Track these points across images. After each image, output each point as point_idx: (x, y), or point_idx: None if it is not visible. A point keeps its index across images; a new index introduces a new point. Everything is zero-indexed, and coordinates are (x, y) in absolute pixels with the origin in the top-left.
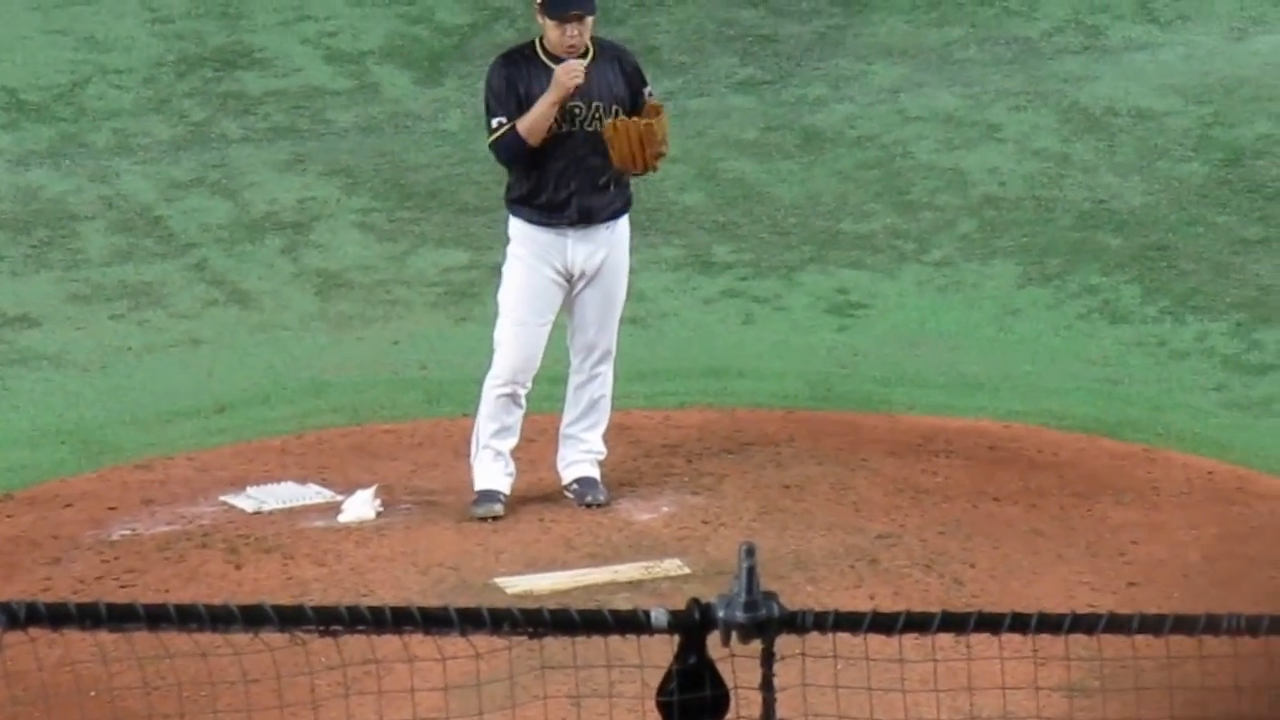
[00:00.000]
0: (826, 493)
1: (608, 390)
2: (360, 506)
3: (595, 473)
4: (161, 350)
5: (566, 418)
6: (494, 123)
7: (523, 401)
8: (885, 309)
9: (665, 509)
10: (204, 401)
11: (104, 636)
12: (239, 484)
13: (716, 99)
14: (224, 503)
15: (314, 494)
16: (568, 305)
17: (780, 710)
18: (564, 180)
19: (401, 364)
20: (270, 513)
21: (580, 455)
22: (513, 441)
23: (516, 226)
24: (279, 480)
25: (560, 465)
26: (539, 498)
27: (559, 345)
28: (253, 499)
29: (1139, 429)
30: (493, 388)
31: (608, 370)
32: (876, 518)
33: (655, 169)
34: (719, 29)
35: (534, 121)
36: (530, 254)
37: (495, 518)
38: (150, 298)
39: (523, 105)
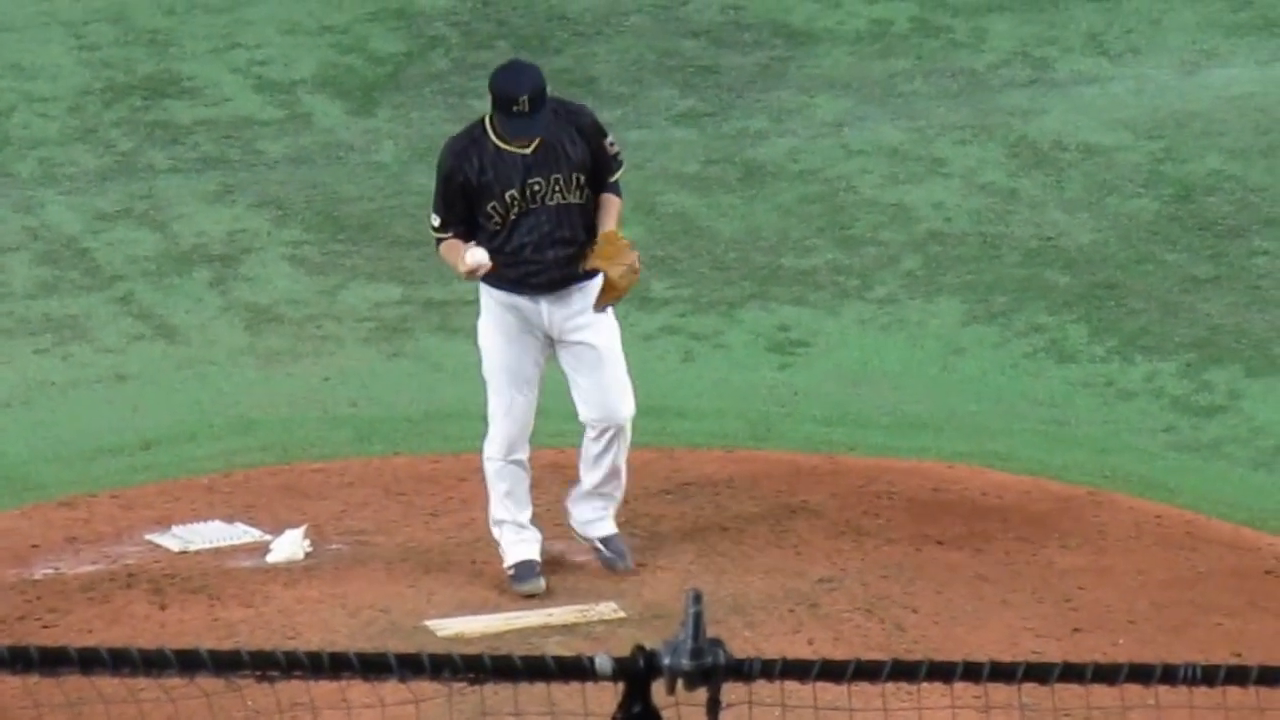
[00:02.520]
0: (766, 535)
1: (624, 456)
2: (289, 547)
3: (615, 528)
4: (86, 385)
5: (586, 481)
6: (434, 219)
7: (526, 465)
8: (827, 347)
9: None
10: (129, 438)
11: (33, 680)
12: (165, 523)
13: (656, 131)
14: (149, 542)
15: (241, 534)
16: (568, 383)
17: None
18: (534, 254)
19: (332, 401)
20: (196, 552)
21: (600, 514)
22: (529, 510)
23: (487, 295)
24: (206, 519)
25: (578, 524)
26: (471, 540)
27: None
28: (179, 538)
29: (1086, 471)
30: (493, 463)
31: (626, 439)
32: (817, 561)
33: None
34: (659, 60)
35: (445, 258)
36: (503, 322)
37: (537, 594)
38: (75, 331)
39: (468, 196)
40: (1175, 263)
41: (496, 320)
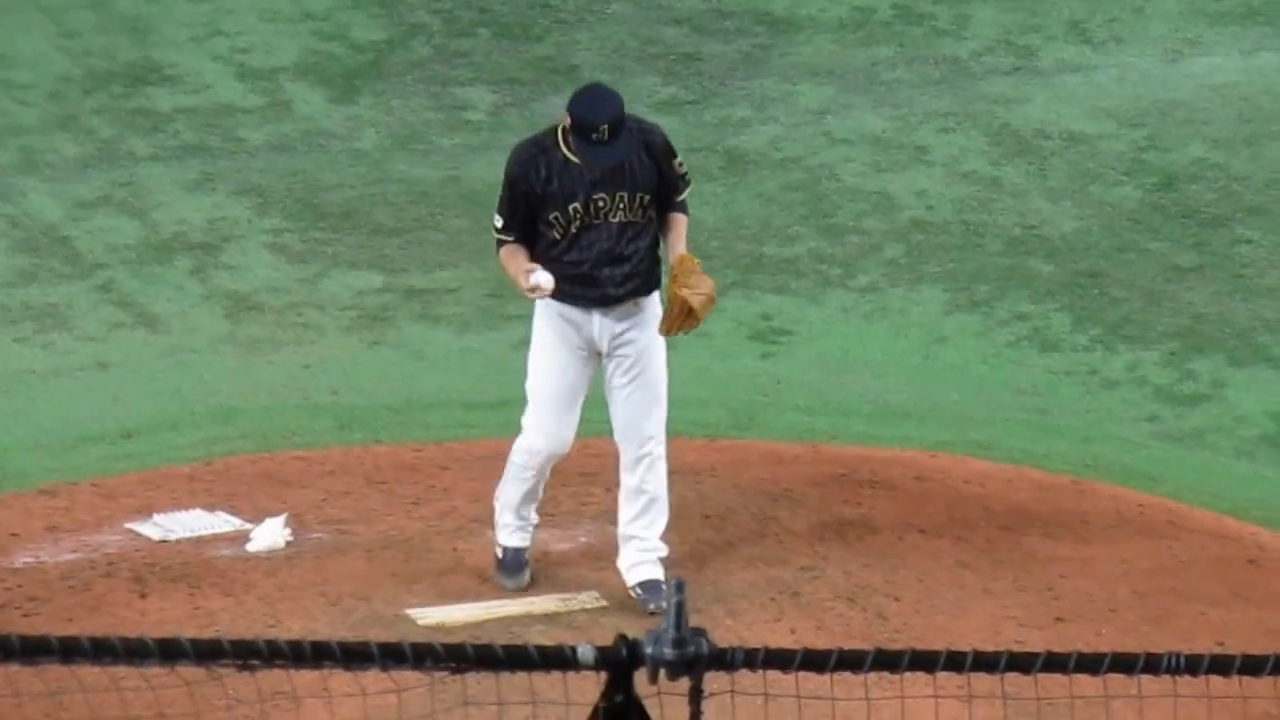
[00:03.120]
0: (748, 524)
1: (663, 485)
2: (270, 535)
3: (659, 574)
4: (67, 374)
5: (624, 516)
6: (497, 220)
7: (547, 473)
8: (809, 336)
9: (582, 539)
10: (110, 426)
11: (13, 668)
12: (145, 511)
13: None
14: (130, 530)
15: (222, 522)
16: (607, 394)
17: None
18: (592, 269)
19: (313, 389)
20: (177, 541)
21: (641, 556)
22: (537, 503)
23: (540, 307)
24: (186, 508)
25: (623, 567)
26: (453, 529)
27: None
28: (159, 527)
29: (1068, 460)
30: (522, 467)
31: (660, 463)
32: (799, 549)
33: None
34: (641, 47)
35: (504, 266)
36: (556, 332)
37: (525, 588)
38: (55, 320)
39: (531, 204)
40: (1158, 251)
41: (549, 334)
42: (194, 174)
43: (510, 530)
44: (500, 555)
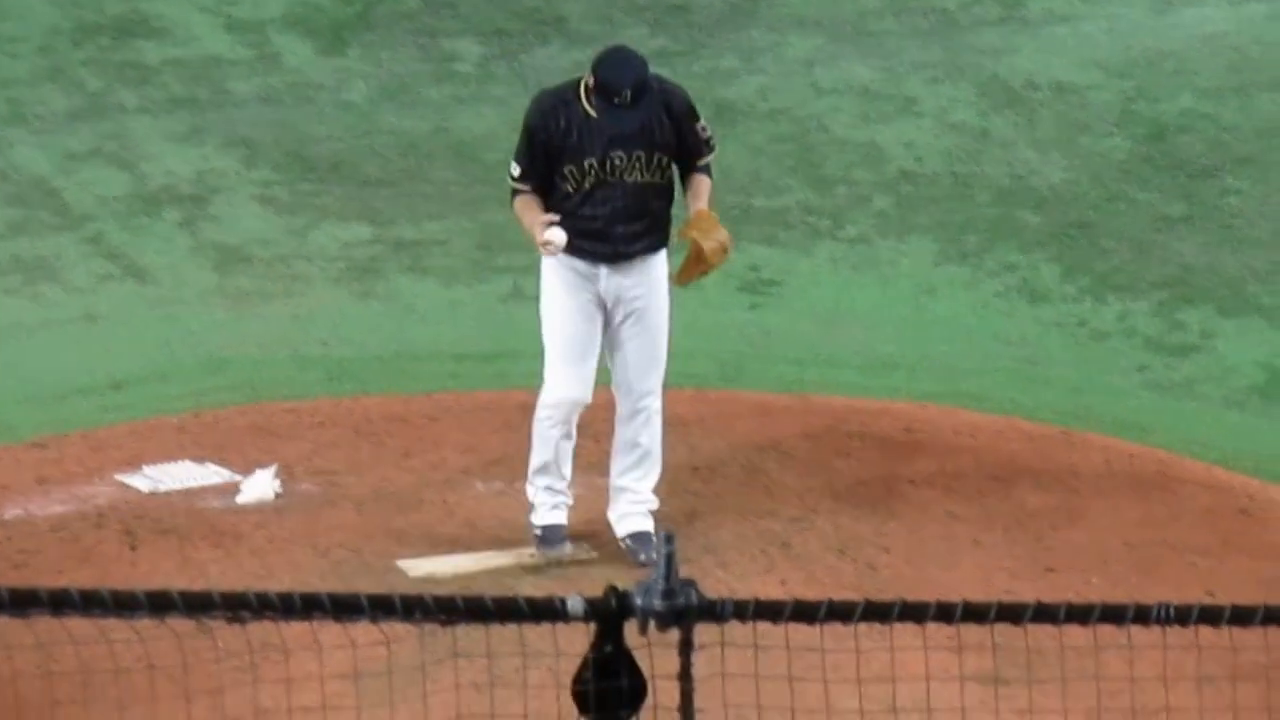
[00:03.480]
0: (737, 475)
1: (657, 439)
2: (259, 487)
3: (649, 525)
4: (56, 326)
5: (616, 467)
6: (514, 168)
7: (573, 433)
8: (798, 287)
9: (572, 491)
10: (99, 379)
11: (3, 620)
12: (135, 463)
13: None
14: (119, 482)
15: (212, 474)
16: (609, 346)
17: (698, 700)
18: (605, 226)
19: (302, 341)
20: (167, 493)
21: (632, 508)
22: (568, 474)
23: (548, 260)
24: (176, 460)
25: (612, 518)
26: (443, 480)
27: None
28: (149, 479)
29: (1058, 411)
30: (545, 422)
31: (655, 417)
32: (789, 501)
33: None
34: None
35: (519, 216)
36: (563, 284)
37: (561, 562)
38: (45, 272)
39: (549, 154)
40: (1147, 202)
41: (556, 285)
42: (182, 126)
43: (545, 509)
44: (539, 534)
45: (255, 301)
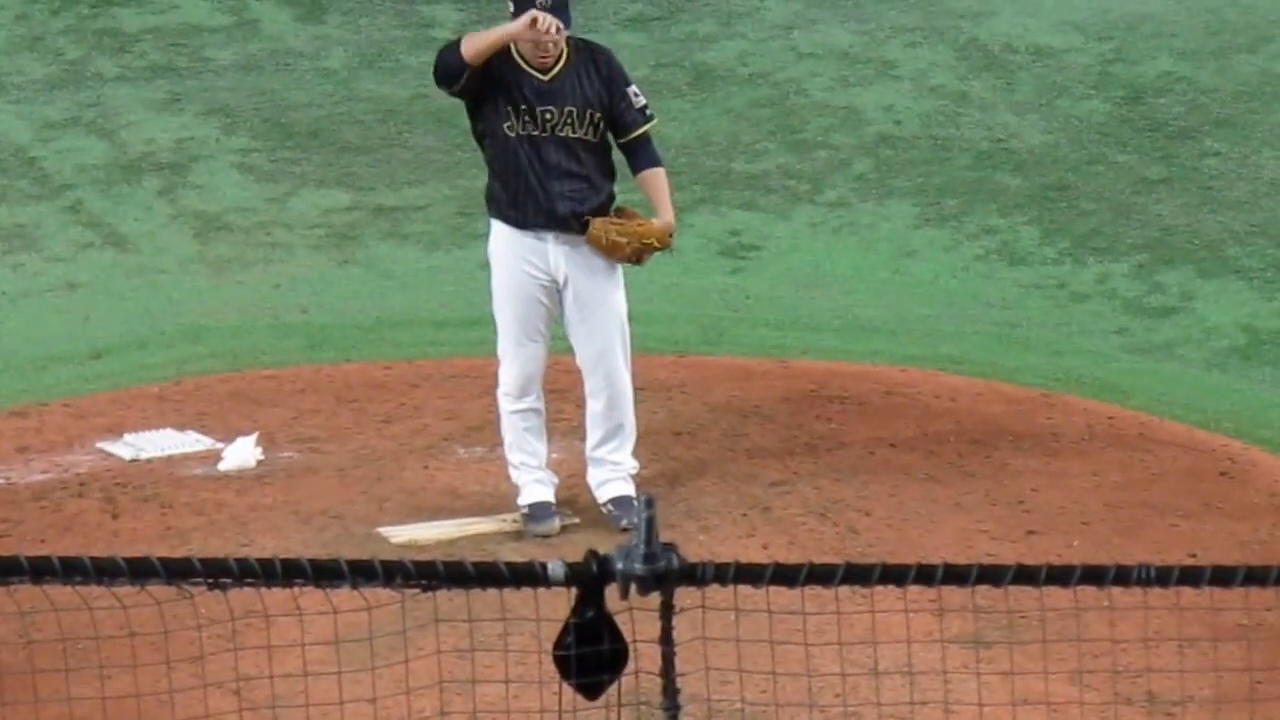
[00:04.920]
0: (718, 439)
1: (628, 410)
2: (241, 454)
3: (630, 490)
4: (36, 295)
5: (591, 439)
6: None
7: (540, 408)
8: (778, 251)
9: (554, 456)
10: (80, 347)
11: None
12: (116, 431)
13: (605, 35)
14: (101, 450)
15: (193, 442)
16: (566, 323)
17: (680, 664)
18: (541, 183)
19: (282, 308)
20: (148, 460)
21: (613, 474)
22: (543, 453)
23: (496, 229)
24: (157, 427)
25: (593, 484)
26: (424, 447)
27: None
28: (130, 446)
29: (1038, 373)
30: (505, 404)
31: (623, 391)
32: (769, 465)
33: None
34: None
35: (481, 39)
36: (510, 258)
37: (551, 535)
38: (24, 241)
39: (489, 74)
40: (1126, 164)
41: (503, 254)
42: (161, 94)
43: (528, 485)
44: (526, 512)
45: (235, 269)
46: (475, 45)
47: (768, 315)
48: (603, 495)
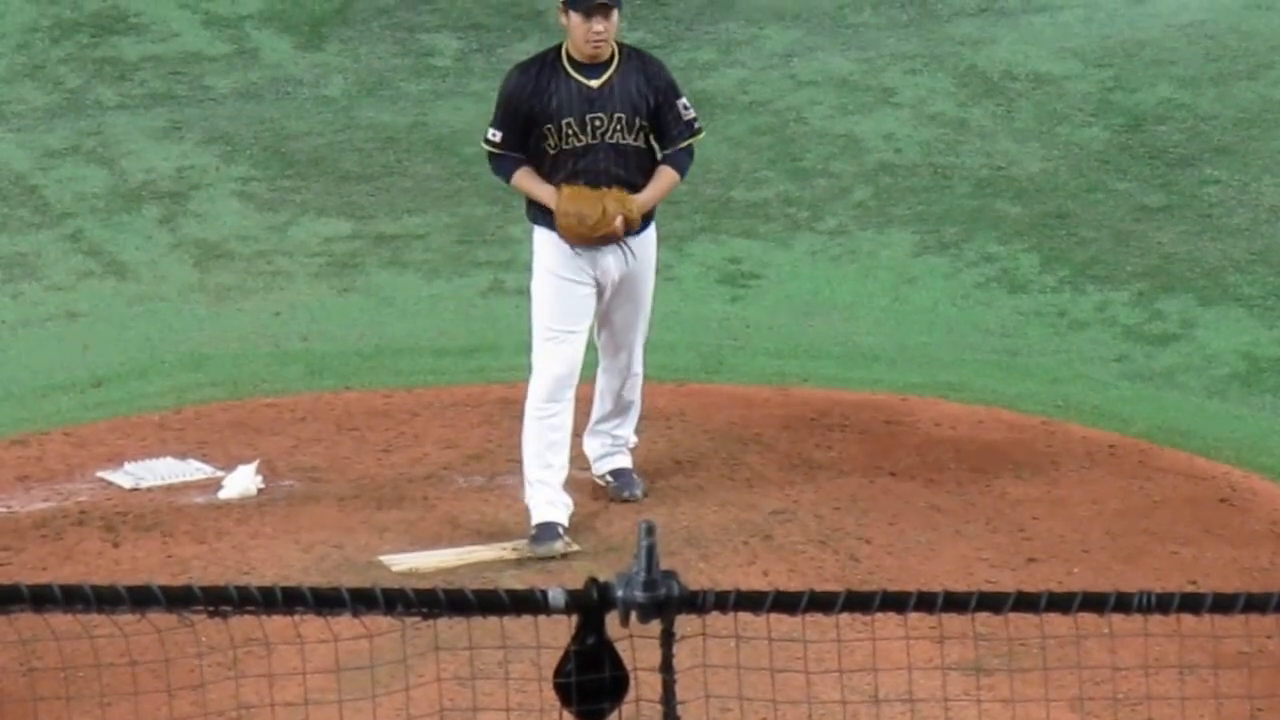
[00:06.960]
0: (719, 468)
1: (638, 390)
2: (241, 483)
3: (629, 462)
4: (37, 324)
5: (596, 414)
6: (491, 133)
7: (567, 421)
8: (778, 279)
9: (568, 488)
10: (80, 376)
11: None
12: (117, 460)
13: None
14: (101, 479)
15: (194, 470)
16: (597, 316)
17: (680, 691)
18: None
19: (283, 336)
20: (149, 489)
21: (613, 447)
22: (562, 474)
23: (542, 238)
24: (158, 456)
25: (591, 456)
26: (424, 475)
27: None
28: (131, 475)
29: (1038, 401)
30: (533, 411)
31: (638, 373)
32: (770, 493)
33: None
34: None
35: (524, 190)
36: (559, 266)
37: (557, 557)
38: (25, 269)
39: (528, 121)
40: (1126, 192)
41: (551, 263)
42: (161, 122)
43: (540, 505)
44: (534, 533)
45: (236, 297)
46: (521, 187)
47: (768, 343)
48: (601, 468)
